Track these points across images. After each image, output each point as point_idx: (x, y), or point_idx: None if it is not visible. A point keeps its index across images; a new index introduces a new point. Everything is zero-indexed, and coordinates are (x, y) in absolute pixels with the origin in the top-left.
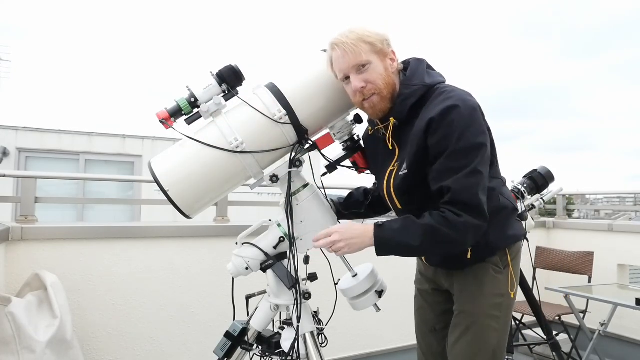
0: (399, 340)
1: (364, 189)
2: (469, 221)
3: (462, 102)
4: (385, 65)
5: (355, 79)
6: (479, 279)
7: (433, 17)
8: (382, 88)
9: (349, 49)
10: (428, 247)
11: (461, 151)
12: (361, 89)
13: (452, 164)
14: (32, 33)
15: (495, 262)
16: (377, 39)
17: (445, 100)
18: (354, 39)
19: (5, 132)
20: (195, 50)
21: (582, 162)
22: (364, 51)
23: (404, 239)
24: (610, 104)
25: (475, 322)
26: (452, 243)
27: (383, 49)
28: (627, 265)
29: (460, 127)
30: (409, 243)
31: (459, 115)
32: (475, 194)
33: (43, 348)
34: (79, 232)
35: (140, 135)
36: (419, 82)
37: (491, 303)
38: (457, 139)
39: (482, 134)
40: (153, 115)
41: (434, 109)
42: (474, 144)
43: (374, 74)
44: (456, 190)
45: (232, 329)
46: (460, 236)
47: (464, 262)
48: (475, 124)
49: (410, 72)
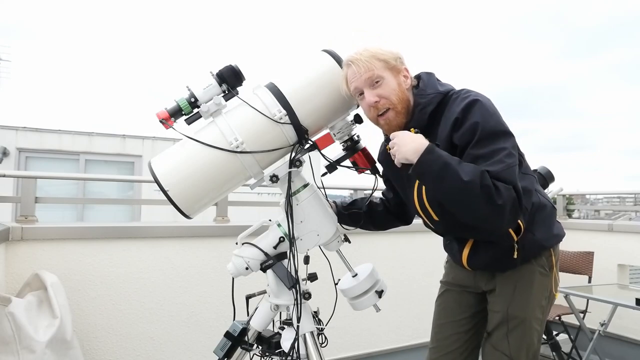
0: (399, 340)
1: (370, 201)
2: (512, 192)
3: (481, 97)
4: (398, 81)
5: (368, 93)
6: (528, 281)
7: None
8: (395, 103)
9: (363, 65)
10: (472, 189)
11: (489, 136)
12: (375, 103)
13: (482, 151)
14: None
15: (542, 263)
16: (390, 56)
17: (464, 99)
18: (367, 56)
19: (5, 132)
20: (195, 51)
21: (582, 162)
22: (377, 67)
23: (457, 166)
24: (610, 104)
25: (521, 324)
26: (493, 204)
27: (396, 65)
28: (627, 265)
29: (484, 115)
30: (457, 172)
31: (480, 106)
32: (514, 174)
33: (43, 348)
34: (79, 232)
35: (140, 135)
36: (433, 90)
37: (538, 305)
38: (482, 127)
39: (505, 124)
40: (153, 115)
41: (455, 109)
42: (499, 130)
43: (387, 89)
44: (495, 172)
45: (232, 329)
46: (502, 201)
47: (510, 263)
48: (497, 114)
49: (423, 84)
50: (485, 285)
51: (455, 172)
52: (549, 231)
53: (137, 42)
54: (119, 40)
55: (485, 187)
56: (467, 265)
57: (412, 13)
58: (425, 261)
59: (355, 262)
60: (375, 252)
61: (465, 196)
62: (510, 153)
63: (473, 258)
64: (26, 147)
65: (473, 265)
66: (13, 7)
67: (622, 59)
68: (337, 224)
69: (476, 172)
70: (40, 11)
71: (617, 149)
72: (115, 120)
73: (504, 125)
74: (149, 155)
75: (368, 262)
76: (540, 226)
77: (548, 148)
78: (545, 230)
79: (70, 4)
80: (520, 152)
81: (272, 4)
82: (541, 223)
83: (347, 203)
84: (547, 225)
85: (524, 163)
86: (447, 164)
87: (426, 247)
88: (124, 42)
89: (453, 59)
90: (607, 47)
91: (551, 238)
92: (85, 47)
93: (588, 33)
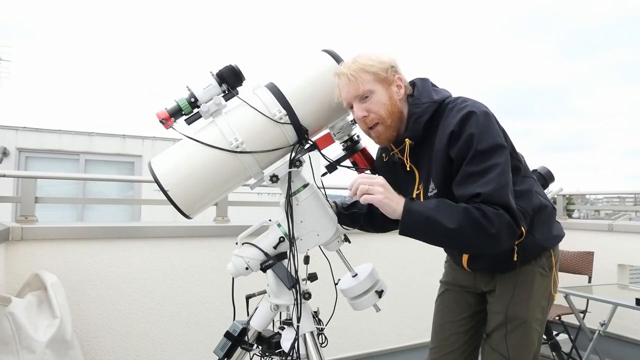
0: (399, 340)
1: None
2: (504, 216)
3: (476, 109)
4: (389, 93)
5: (357, 108)
6: (527, 282)
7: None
8: (385, 117)
9: (351, 80)
10: (462, 233)
11: (483, 152)
12: (363, 118)
13: (474, 168)
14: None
15: (542, 264)
16: (380, 67)
17: (460, 111)
18: (355, 70)
19: (5, 132)
20: (195, 51)
21: (581, 162)
22: (366, 81)
23: (439, 217)
24: (610, 104)
25: (521, 326)
26: (487, 236)
27: (387, 77)
28: (627, 265)
29: (478, 131)
30: (442, 223)
31: (476, 121)
32: (506, 194)
33: (43, 348)
34: (79, 232)
35: (140, 135)
36: (427, 99)
37: (538, 306)
38: (477, 142)
39: (499, 137)
40: (153, 115)
41: (452, 121)
42: (493, 145)
43: (376, 104)
44: (486, 194)
45: (232, 329)
46: (495, 230)
47: (510, 265)
48: (492, 127)
49: (417, 92)
50: (485, 286)
51: (439, 223)
52: (549, 232)
53: (137, 42)
54: (118, 40)
55: (474, 223)
56: (468, 267)
57: (412, 13)
58: (425, 261)
59: (355, 262)
60: (375, 252)
61: (456, 240)
62: (502, 170)
63: (473, 261)
64: (26, 147)
65: (473, 268)
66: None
67: (622, 59)
68: (337, 224)
69: (460, 213)
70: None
71: (617, 149)
72: (115, 120)
73: (498, 139)
74: (149, 155)
75: (368, 262)
76: (540, 227)
77: (548, 148)
78: (545, 232)
79: (70, 4)
80: (519, 154)
81: (272, 4)
82: (541, 224)
83: (348, 203)
84: (547, 227)
85: (523, 166)
86: (429, 218)
87: (426, 247)
88: (123, 42)
89: (453, 59)
90: (607, 47)
91: (551, 239)
92: (85, 47)
93: (588, 33)
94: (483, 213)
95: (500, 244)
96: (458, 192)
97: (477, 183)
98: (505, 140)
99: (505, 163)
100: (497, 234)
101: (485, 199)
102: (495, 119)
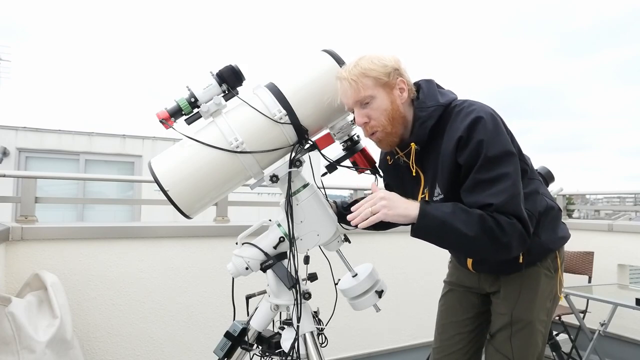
0: (399, 340)
1: None
2: (517, 225)
3: (484, 114)
4: (392, 98)
5: (358, 113)
6: (533, 283)
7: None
8: (385, 124)
9: (352, 84)
10: (476, 240)
11: (492, 160)
12: (364, 124)
13: (485, 176)
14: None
15: (547, 266)
16: (382, 71)
17: (468, 115)
18: (356, 74)
19: (5, 132)
20: (195, 51)
21: (581, 162)
22: (367, 86)
23: (455, 222)
24: (609, 104)
25: (526, 327)
26: (498, 245)
27: (389, 81)
28: (627, 265)
29: (487, 137)
30: (459, 229)
31: (484, 126)
32: (518, 204)
33: (43, 348)
34: (79, 232)
35: (140, 135)
36: (433, 102)
37: (543, 308)
38: (486, 149)
39: (508, 143)
40: (153, 115)
41: (459, 126)
42: (503, 152)
43: (377, 111)
44: (498, 205)
45: (232, 329)
46: (506, 238)
47: (516, 267)
48: (501, 133)
49: (423, 95)
50: (490, 287)
51: (455, 228)
52: (555, 234)
53: (137, 42)
54: (118, 40)
55: (489, 231)
56: (472, 269)
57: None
58: (425, 261)
59: (355, 262)
60: (375, 252)
61: (470, 246)
62: (514, 180)
63: (478, 264)
64: (26, 147)
65: (478, 269)
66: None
67: (621, 59)
68: (337, 224)
69: (476, 220)
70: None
71: (617, 149)
72: (115, 120)
73: (507, 145)
74: (149, 155)
75: (368, 262)
76: (546, 229)
77: (547, 148)
78: (550, 233)
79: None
80: (526, 156)
81: (272, 4)
82: (547, 226)
83: (348, 203)
84: (553, 228)
85: (529, 168)
86: (444, 223)
87: (426, 247)
88: (123, 42)
89: (452, 59)
90: (607, 46)
91: (557, 240)
92: (85, 47)
93: (587, 32)
94: (497, 222)
95: (511, 252)
96: (467, 199)
97: (488, 192)
98: (512, 144)
99: (515, 171)
100: (508, 242)
101: (498, 209)
102: (503, 122)
